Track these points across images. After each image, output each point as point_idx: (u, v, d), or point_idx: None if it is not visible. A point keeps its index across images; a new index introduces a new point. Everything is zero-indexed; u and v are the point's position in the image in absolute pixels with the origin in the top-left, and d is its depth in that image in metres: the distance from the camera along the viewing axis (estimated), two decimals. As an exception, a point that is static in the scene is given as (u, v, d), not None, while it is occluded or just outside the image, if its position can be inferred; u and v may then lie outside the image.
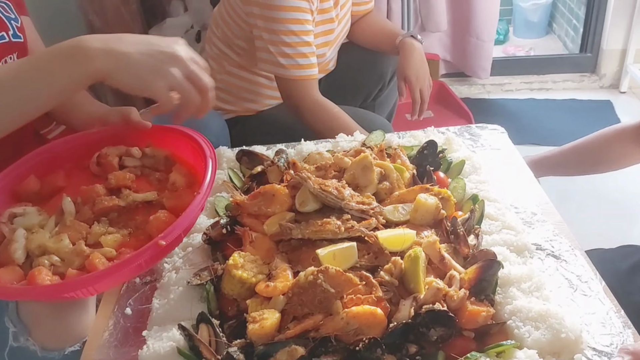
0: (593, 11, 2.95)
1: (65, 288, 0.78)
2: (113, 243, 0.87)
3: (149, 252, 0.79)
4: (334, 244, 0.85)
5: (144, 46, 0.83)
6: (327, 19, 1.57)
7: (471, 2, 2.70)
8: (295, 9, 1.41)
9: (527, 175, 1.10)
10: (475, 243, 0.89)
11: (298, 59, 1.45)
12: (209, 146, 0.97)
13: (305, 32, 1.44)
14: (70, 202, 0.92)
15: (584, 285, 0.85)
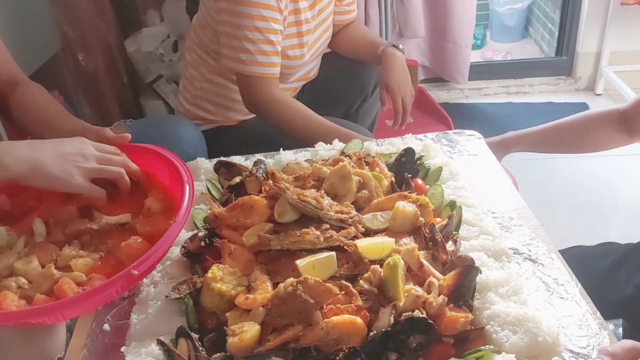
0: (568, 15, 3.01)
1: (32, 314, 0.76)
2: (83, 267, 0.86)
3: (120, 282, 0.77)
4: (313, 254, 0.85)
5: (53, 150, 0.90)
6: (301, 20, 1.57)
7: (448, 8, 2.73)
8: (262, 6, 1.41)
9: (504, 180, 1.11)
10: (454, 249, 0.89)
11: (258, 56, 1.44)
12: (186, 171, 0.97)
13: (269, 30, 1.44)
14: (41, 223, 0.92)
15: (560, 288, 0.86)
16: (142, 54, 2.53)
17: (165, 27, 2.57)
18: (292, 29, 1.55)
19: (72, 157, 0.90)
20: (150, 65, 2.55)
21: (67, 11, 2.30)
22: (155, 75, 2.54)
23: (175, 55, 2.53)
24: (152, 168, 1.02)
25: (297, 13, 1.55)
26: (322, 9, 1.62)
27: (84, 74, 2.43)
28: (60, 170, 0.88)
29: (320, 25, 1.64)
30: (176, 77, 2.55)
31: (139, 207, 0.97)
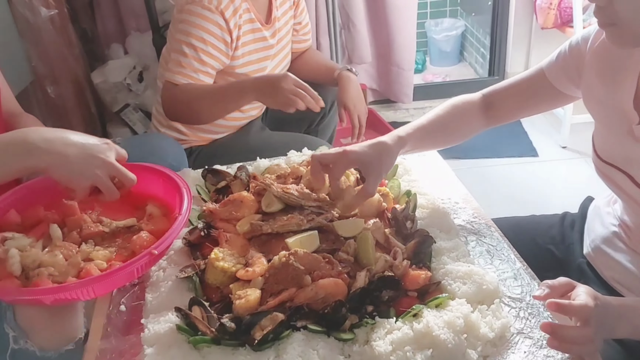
0: (497, 40, 3.29)
1: (69, 289, 0.86)
2: (103, 257, 0.97)
3: (143, 259, 0.91)
4: (299, 234, 1.03)
5: (80, 149, 0.96)
6: (263, 47, 1.73)
7: (391, 36, 2.98)
8: (204, 30, 1.56)
9: (448, 174, 1.32)
10: (412, 226, 1.09)
11: (186, 68, 1.55)
12: (179, 178, 1.10)
13: (205, 51, 1.56)
14: (57, 228, 1.01)
15: (499, 252, 1.06)
16: (109, 85, 2.66)
17: (130, 59, 2.71)
18: (256, 55, 1.72)
19: (93, 160, 0.96)
20: (117, 95, 2.68)
21: (37, 46, 2.41)
22: (122, 104, 2.67)
23: (141, 85, 2.67)
24: (149, 181, 1.14)
25: (262, 40, 1.73)
26: (281, 38, 1.81)
27: (54, 106, 2.53)
28: (78, 171, 0.94)
29: (280, 52, 1.83)
30: (143, 105, 2.69)
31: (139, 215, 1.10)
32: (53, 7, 2.42)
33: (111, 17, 2.83)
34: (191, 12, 1.56)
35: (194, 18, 1.56)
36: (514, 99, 1.20)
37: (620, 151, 1.03)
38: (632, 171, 1.00)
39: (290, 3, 1.85)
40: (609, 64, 1.03)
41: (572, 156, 2.75)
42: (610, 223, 1.15)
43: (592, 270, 1.17)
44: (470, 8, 3.94)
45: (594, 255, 1.17)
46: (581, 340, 0.80)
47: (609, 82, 1.03)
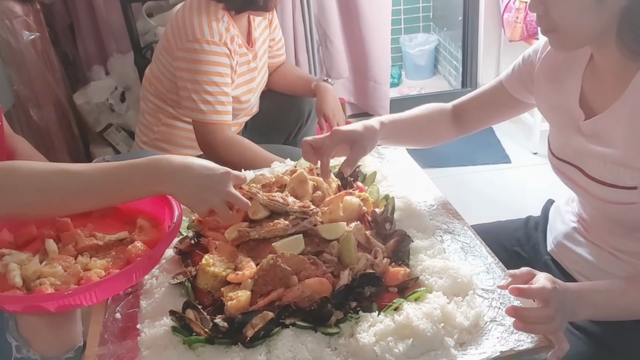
0: (468, 53, 3.40)
1: (72, 295, 0.89)
2: (101, 267, 1.01)
3: (142, 264, 0.97)
4: (285, 238, 1.09)
5: (202, 180, 1.04)
6: (248, 70, 1.82)
7: (366, 51, 3.06)
8: (218, 65, 1.65)
9: (424, 179, 1.40)
10: (390, 227, 1.15)
11: (217, 105, 1.66)
12: None
13: (225, 84, 1.67)
14: (53, 242, 1.05)
15: (472, 249, 1.13)
16: (91, 106, 2.71)
17: (112, 80, 2.76)
18: (245, 77, 1.80)
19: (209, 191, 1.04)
20: (100, 116, 2.72)
21: (19, 70, 2.45)
22: (105, 124, 2.71)
23: (123, 105, 2.72)
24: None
25: (247, 63, 1.81)
26: (261, 56, 1.89)
27: (36, 128, 2.57)
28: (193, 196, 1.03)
29: (260, 70, 1.90)
30: (125, 125, 2.74)
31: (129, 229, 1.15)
32: (34, 31, 2.47)
33: (91, 40, 2.88)
34: (199, 51, 1.64)
35: (205, 56, 1.64)
36: (479, 109, 1.32)
37: (571, 147, 1.11)
38: (582, 164, 1.09)
39: (266, 22, 1.92)
40: (556, 68, 1.13)
41: (543, 162, 2.85)
42: (570, 220, 1.24)
43: (556, 266, 1.25)
44: (442, 23, 4.06)
45: (557, 251, 1.26)
46: (543, 320, 0.87)
47: (557, 85, 1.13)
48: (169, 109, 1.84)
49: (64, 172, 0.98)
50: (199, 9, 1.67)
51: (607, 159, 1.02)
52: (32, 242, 1.09)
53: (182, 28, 1.67)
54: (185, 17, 1.67)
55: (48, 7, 2.68)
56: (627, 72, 0.97)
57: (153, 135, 1.88)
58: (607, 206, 1.05)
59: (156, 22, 2.52)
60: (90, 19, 2.81)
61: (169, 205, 1.12)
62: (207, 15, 1.65)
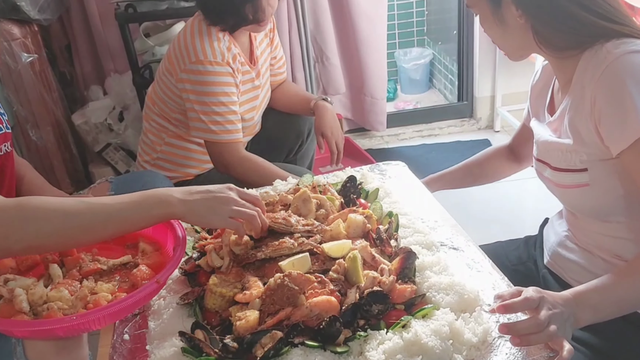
0: (464, 67, 3.41)
1: (79, 319, 0.90)
2: (107, 290, 1.02)
3: (150, 287, 0.97)
4: (291, 257, 1.10)
5: (205, 195, 1.08)
6: (252, 88, 1.84)
7: (363, 67, 3.08)
8: (223, 84, 1.68)
9: (426, 195, 1.41)
10: (396, 244, 1.17)
11: (227, 125, 1.69)
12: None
13: (232, 102, 1.70)
14: (57, 267, 1.06)
15: (477, 265, 1.14)
16: (90, 126, 2.71)
17: (110, 100, 2.77)
18: (248, 95, 1.82)
19: (217, 200, 1.08)
20: (99, 136, 2.73)
21: (17, 90, 2.47)
22: (103, 144, 2.72)
23: (122, 125, 2.72)
24: None
25: (250, 82, 1.82)
26: (263, 74, 1.91)
27: (35, 149, 2.58)
28: (209, 211, 1.06)
29: (263, 89, 1.92)
30: (124, 144, 2.74)
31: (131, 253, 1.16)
32: (33, 52, 2.48)
33: (89, 60, 2.89)
34: (202, 72, 1.67)
35: (209, 77, 1.66)
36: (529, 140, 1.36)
37: (542, 147, 1.23)
38: (549, 159, 1.21)
39: (267, 40, 1.95)
40: (540, 86, 1.30)
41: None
42: (561, 230, 1.28)
43: (554, 278, 1.27)
44: (436, 37, 4.10)
45: (552, 262, 1.29)
46: (534, 328, 0.88)
47: (539, 102, 1.29)
48: (172, 128, 1.85)
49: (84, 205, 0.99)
50: (200, 30, 1.69)
51: (563, 148, 1.14)
52: (35, 268, 1.09)
53: (184, 50, 1.69)
54: (187, 39, 1.70)
55: (45, 29, 2.69)
56: (569, 70, 1.12)
57: (155, 155, 1.89)
58: (569, 192, 1.17)
59: (154, 42, 2.54)
60: (87, 39, 2.83)
61: (170, 228, 1.13)
62: (208, 36, 1.68)
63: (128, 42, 2.39)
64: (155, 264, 1.09)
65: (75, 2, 2.75)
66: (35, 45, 2.52)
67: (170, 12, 2.40)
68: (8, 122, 1.30)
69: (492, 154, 1.53)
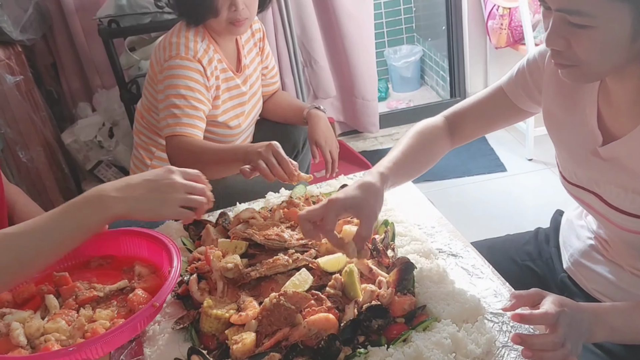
0: (454, 63, 3.41)
1: (80, 349, 0.88)
2: (106, 317, 1.00)
3: (147, 312, 0.96)
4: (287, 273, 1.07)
5: (149, 186, 1.03)
6: (237, 94, 1.81)
7: (352, 69, 3.06)
8: (187, 78, 1.63)
9: (421, 199, 1.38)
10: (393, 255, 1.14)
11: (183, 118, 1.61)
12: (164, 236, 1.15)
13: (195, 98, 1.63)
14: (53, 298, 1.04)
15: (477, 271, 1.11)
16: (80, 144, 2.69)
17: (99, 117, 2.74)
18: (231, 103, 1.79)
19: (165, 188, 1.02)
20: (89, 153, 2.70)
21: (4, 113, 2.44)
22: (95, 161, 2.69)
23: (112, 141, 2.70)
24: (132, 244, 1.18)
25: (235, 88, 1.79)
26: (252, 83, 1.88)
27: (26, 170, 2.55)
28: (157, 203, 1.01)
29: (252, 97, 1.90)
30: (116, 160, 2.71)
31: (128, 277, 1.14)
32: (18, 74, 2.46)
33: (75, 77, 2.87)
34: (172, 66, 1.63)
35: (175, 71, 1.63)
36: (476, 118, 1.23)
37: (585, 173, 1.05)
38: (601, 191, 1.03)
39: (257, 49, 1.92)
40: (566, 85, 1.04)
41: (539, 167, 2.86)
42: (586, 236, 1.19)
43: (574, 284, 1.20)
44: (425, 33, 4.08)
45: (574, 269, 1.20)
46: (550, 346, 0.83)
47: (569, 104, 1.06)
48: (161, 140, 1.82)
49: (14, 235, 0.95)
50: (179, 32, 1.69)
51: (628, 187, 0.96)
52: (31, 300, 1.08)
53: (161, 51, 1.68)
54: (165, 41, 1.70)
55: (29, 48, 2.67)
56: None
57: (146, 169, 1.86)
58: (630, 235, 1.00)
59: (139, 56, 2.51)
60: (72, 56, 2.80)
61: (166, 249, 1.11)
62: (185, 38, 1.67)
63: (113, 57, 2.36)
64: (152, 287, 1.07)
65: (58, 20, 2.73)
66: (20, 65, 2.49)
67: (153, 26, 2.38)
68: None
69: (435, 137, 1.22)
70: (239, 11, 1.65)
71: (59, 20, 2.72)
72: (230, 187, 1.80)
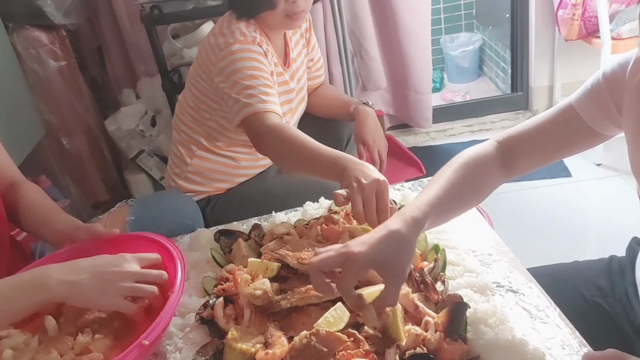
0: (518, 54, 3.17)
1: None
2: (102, 347, 0.94)
3: (133, 352, 0.88)
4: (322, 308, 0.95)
5: (92, 270, 0.97)
6: (285, 91, 1.70)
7: (405, 59, 2.89)
8: (252, 60, 1.51)
9: (479, 221, 1.23)
10: (443, 289, 1.00)
11: (261, 95, 1.47)
12: (175, 248, 1.09)
13: (264, 77, 1.50)
14: (52, 319, 0.99)
15: (541, 313, 0.96)
16: (122, 132, 2.64)
17: (142, 105, 2.68)
18: (282, 98, 1.67)
19: (110, 277, 0.96)
20: (132, 142, 2.65)
21: (47, 99, 2.41)
22: (137, 150, 2.64)
23: (154, 130, 2.64)
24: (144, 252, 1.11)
25: (284, 84, 1.68)
26: (299, 78, 1.76)
27: (69, 157, 2.53)
28: (97, 291, 0.95)
29: (299, 93, 1.78)
30: (157, 150, 2.66)
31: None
32: (61, 59, 2.42)
33: (120, 62, 2.81)
34: (232, 52, 1.52)
35: (238, 55, 1.51)
36: (538, 143, 1.02)
37: None
38: None
39: (303, 41, 1.81)
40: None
41: (608, 174, 2.61)
42: None
43: None
44: (486, 21, 3.85)
45: None
46: None
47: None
48: (202, 140, 1.72)
49: None
50: (230, 24, 1.57)
51: None
52: (36, 318, 1.01)
53: (214, 47, 1.57)
54: (216, 32, 1.58)
55: (74, 33, 2.61)
56: None
57: (186, 168, 1.77)
58: None
59: (182, 43, 2.42)
60: (117, 41, 2.74)
61: (174, 265, 1.04)
62: (237, 28, 1.56)
63: (155, 44, 2.28)
64: (155, 306, 1.00)
65: (103, 4, 2.67)
66: (64, 50, 2.44)
67: (196, 12, 2.28)
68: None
69: (485, 170, 1.02)
70: (297, 3, 1.52)
71: (104, 4, 2.66)
72: (269, 192, 1.69)
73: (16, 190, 1.29)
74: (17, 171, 1.36)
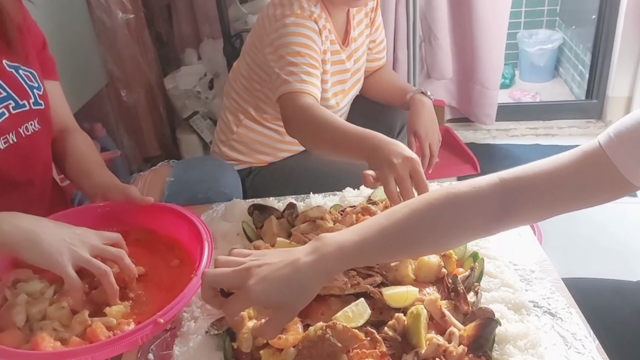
0: (599, 58, 3.00)
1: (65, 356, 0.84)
2: (116, 314, 0.93)
3: (146, 329, 0.87)
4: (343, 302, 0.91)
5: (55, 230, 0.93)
6: (340, 70, 1.65)
7: (476, 51, 2.77)
8: (301, 35, 1.47)
9: (526, 233, 1.15)
10: (475, 300, 0.93)
11: (302, 75, 1.42)
12: (205, 228, 1.07)
13: (310, 55, 1.46)
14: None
15: (577, 343, 0.89)
16: (179, 91, 2.65)
17: (202, 66, 2.68)
18: (335, 78, 1.62)
19: (69, 240, 0.92)
20: (187, 102, 2.66)
21: (112, 50, 2.43)
22: (191, 111, 2.65)
23: (211, 93, 2.63)
24: (173, 226, 1.11)
25: (339, 63, 1.63)
26: (357, 59, 1.70)
27: (126, 109, 2.56)
28: (52, 248, 0.90)
29: (355, 74, 1.72)
30: (211, 113, 2.66)
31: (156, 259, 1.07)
32: (130, 12, 2.43)
33: (187, 22, 2.81)
34: (286, 24, 1.47)
35: (290, 28, 1.47)
36: (550, 190, 0.84)
37: None
38: None
39: (367, 21, 1.73)
40: None
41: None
42: None
43: None
44: (570, 20, 3.64)
45: None
46: None
47: None
48: (250, 109, 1.70)
49: None
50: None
51: None
52: None
53: (271, 17, 1.53)
54: (276, 6, 1.53)
55: (146, -13, 2.63)
56: None
57: (231, 136, 1.75)
58: None
59: (248, 9, 2.39)
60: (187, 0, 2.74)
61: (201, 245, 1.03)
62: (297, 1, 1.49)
63: (222, 7, 2.26)
64: (176, 284, 0.99)
65: (182, -40, 2.67)
66: (133, 4, 2.46)
67: (266, -23, 2.23)
68: (42, 97, 1.19)
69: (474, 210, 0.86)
70: None
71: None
72: (311, 171, 1.65)
73: (66, 137, 1.30)
74: (71, 118, 1.36)
